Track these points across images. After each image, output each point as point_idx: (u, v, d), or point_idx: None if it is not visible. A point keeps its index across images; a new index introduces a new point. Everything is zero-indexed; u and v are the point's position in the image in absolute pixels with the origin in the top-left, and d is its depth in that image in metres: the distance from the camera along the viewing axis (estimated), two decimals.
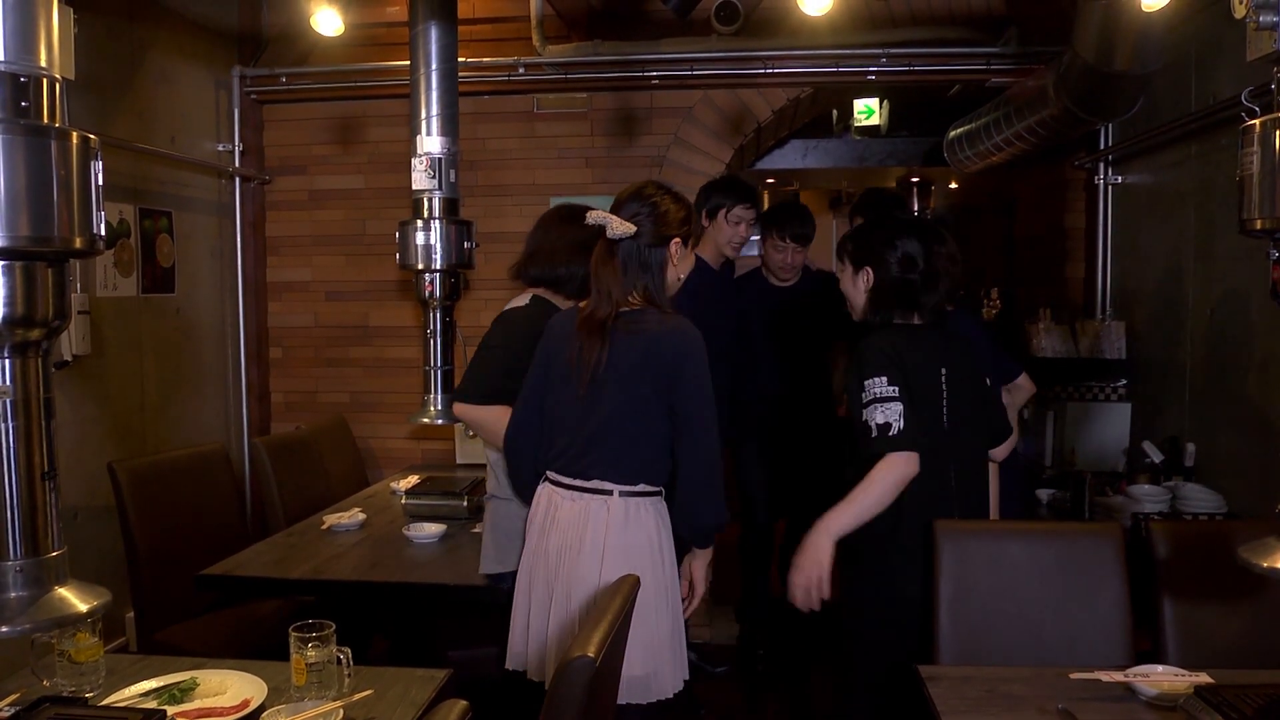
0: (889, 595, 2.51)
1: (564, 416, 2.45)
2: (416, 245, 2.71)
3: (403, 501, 3.56)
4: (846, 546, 2.45)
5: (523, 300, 2.82)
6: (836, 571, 2.42)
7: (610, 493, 2.37)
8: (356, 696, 1.88)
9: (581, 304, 2.50)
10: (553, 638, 2.37)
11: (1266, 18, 1.41)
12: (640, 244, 2.41)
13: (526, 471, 2.57)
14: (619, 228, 2.38)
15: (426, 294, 2.75)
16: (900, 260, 2.55)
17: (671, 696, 2.39)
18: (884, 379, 2.40)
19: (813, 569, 2.39)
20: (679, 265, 2.48)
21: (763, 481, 4.20)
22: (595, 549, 2.35)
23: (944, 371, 2.53)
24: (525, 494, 2.59)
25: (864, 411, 2.41)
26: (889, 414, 2.38)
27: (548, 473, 2.48)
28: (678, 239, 2.45)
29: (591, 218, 2.40)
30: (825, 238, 10.89)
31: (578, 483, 2.40)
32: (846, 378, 2.55)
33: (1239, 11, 1.45)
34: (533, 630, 2.43)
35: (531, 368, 2.54)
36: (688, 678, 2.46)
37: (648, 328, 2.37)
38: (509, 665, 2.50)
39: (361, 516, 3.43)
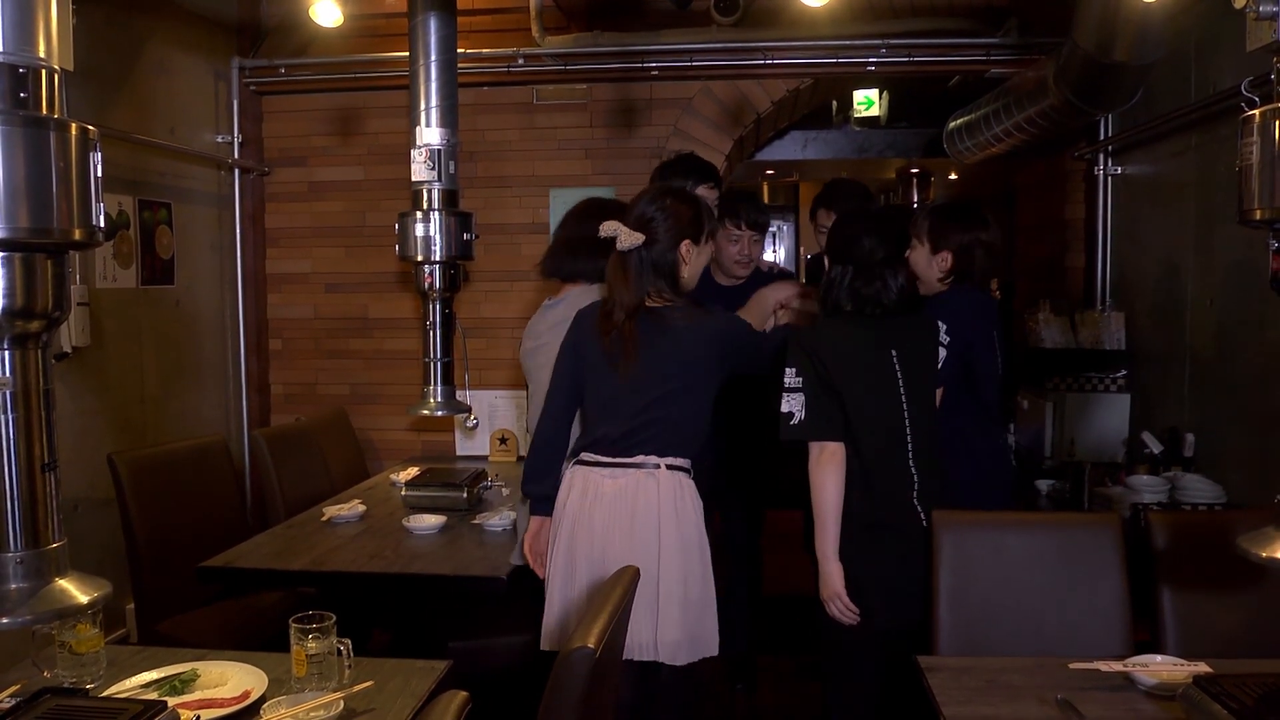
0: (875, 573, 2.52)
1: (603, 404, 2.56)
2: (416, 237, 2.71)
3: (402, 493, 3.56)
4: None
5: (559, 300, 2.92)
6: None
7: (657, 466, 2.47)
8: (357, 688, 1.89)
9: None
10: None
11: (1266, 8, 1.41)
12: (652, 250, 2.51)
13: (552, 462, 2.64)
14: (628, 239, 2.49)
15: (426, 285, 2.75)
16: (852, 248, 2.62)
17: (716, 653, 2.55)
18: (793, 370, 2.53)
19: (832, 599, 2.52)
20: (692, 263, 2.58)
21: (741, 519, 4.10)
22: (649, 520, 2.44)
23: (895, 353, 2.60)
24: (538, 485, 2.64)
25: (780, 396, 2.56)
26: (791, 404, 2.52)
27: (581, 454, 2.56)
28: (688, 240, 2.54)
29: (604, 230, 2.52)
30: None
31: (620, 459, 2.49)
32: None
33: (1238, 2, 1.45)
34: (575, 608, 2.48)
35: (561, 359, 2.65)
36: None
37: (674, 323, 2.51)
38: (545, 646, 2.54)
39: (361, 508, 3.43)
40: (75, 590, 1.22)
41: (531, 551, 2.67)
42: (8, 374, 1.17)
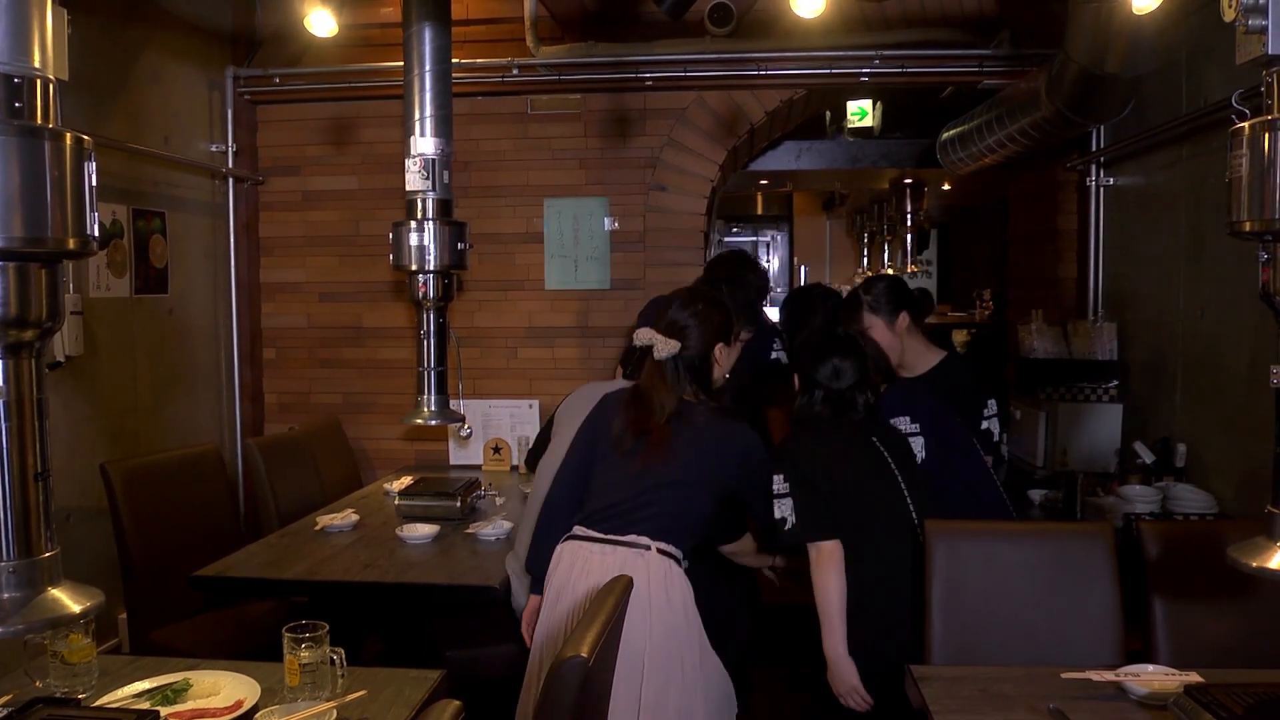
0: (874, 597, 2.53)
1: (606, 480, 2.56)
2: (410, 246, 2.71)
3: (396, 502, 3.55)
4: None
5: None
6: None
7: (648, 547, 2.45)
8: (350, 697, 1.89)
9: (631, 383, 2.72)
10: None
11: (1255, 21, 1.42)
12: (685, 356, 2.59)
13: (555, 540, 2.60)
14: (664, 348, 2.57)
15: (420, 295, 2.75)
16: (830, 373, 2.71)
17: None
18: (779, 477, 2.59)
19: (849, 693, 2.52)
20: (724, 363, 2.69)
21: None
22: (637, 599, 2.33)
23: (876, 439, 2.68)
24: (541, 566, 2.61)
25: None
26: (783, 509, 2.56)
27: (575, 529, 2.53)
28: (720, 344, 2.64)
29: (638, 339, 2.63)
30: (818, 239, 10.92)
31: (612, 537, 2.47)
32: None
33: (1228, 15, 1.46)
34: None
35: (580, 438, 2.67)
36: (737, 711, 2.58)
37: (701, 421, 2.57)
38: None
39: (355, 517, 3.42)
40: (68, 599, 1.22)
41: (528, 627, 2.65)
42: (1, 383, 1.17)
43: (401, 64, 2.76)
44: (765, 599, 4.38)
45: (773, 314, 5.19)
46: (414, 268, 2.72)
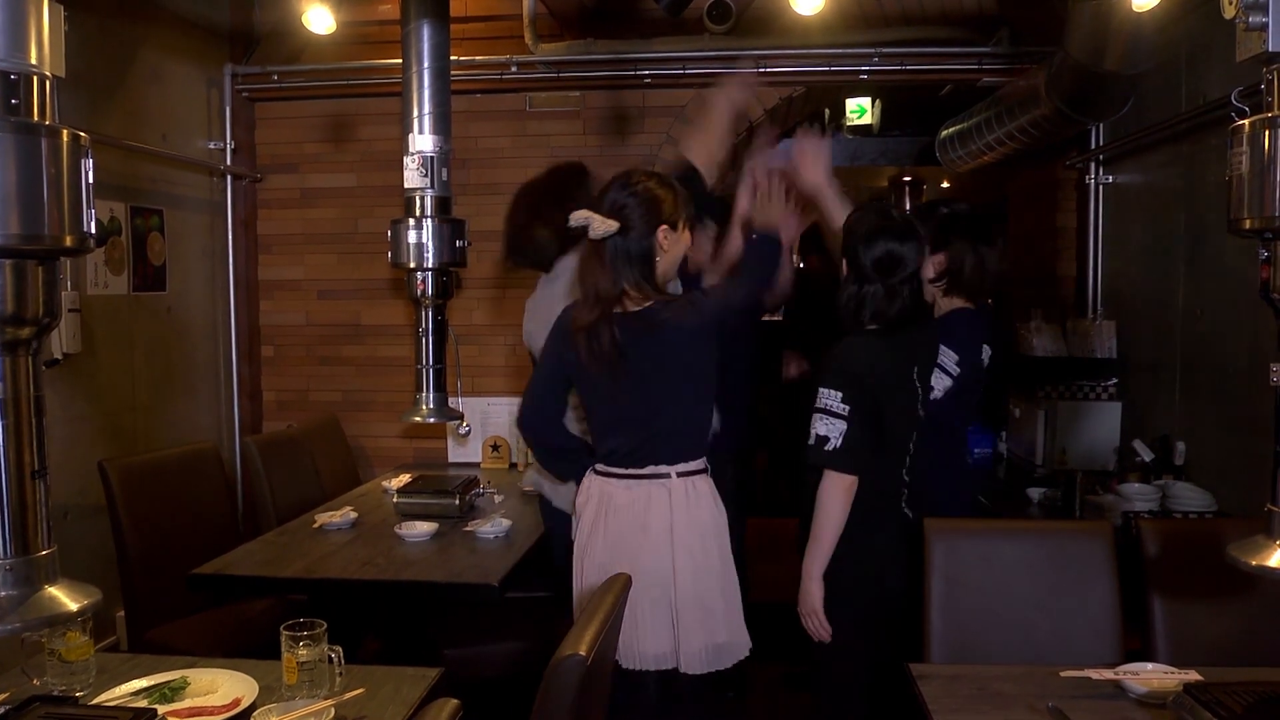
0: (870, 590, 2.52)
1: (609, 419, 2.52)
2: (408, 243, 2.70)
3: (394, 500, 3.55)
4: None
5: (555, 276, 2.95)
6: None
7: (668, 475, 2.43)
8: (348, 695, 1.88)
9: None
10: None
11: (1256, 18, 1.41)
12: (627, 238, 2.40)
13: (547, 442, 2.66)
14: (601, 226, 2.37)
15: (418, 292, 2.74)
16: (877, 262, 2.47)
17: (747, 656, 2.57)
18: (839, 395, 2.40)
19: (810, 615, 2.51)
20: (670, 251, 2.45)
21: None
22: (662, 531, 2.41)
23: (915, 370, 2.57)
24: (553, 464, 2.69)
25: (813, 414, 2.44)
26: (830, 429, 2.40)
27: (596, 465, 2.54)
28: (665, 226, 2.42)
29: (574, 220, 2.40)
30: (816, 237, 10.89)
31: (632, 471, 2.46)
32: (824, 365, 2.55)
33: (1228, 12, 1.45)
34: None
35: (544, 357, 2.62)
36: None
37: (662, 326, 2.40)
38: None
39: (353, 515, 3.42)
40: (65, 597, 1.22)
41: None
42: None
43: (400, 61, 2.75)
44: (760, 597, 4.38)
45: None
46: (412, 265, 2.72)
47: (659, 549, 2.41)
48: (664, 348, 2.41)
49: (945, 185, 8.52)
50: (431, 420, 2.89)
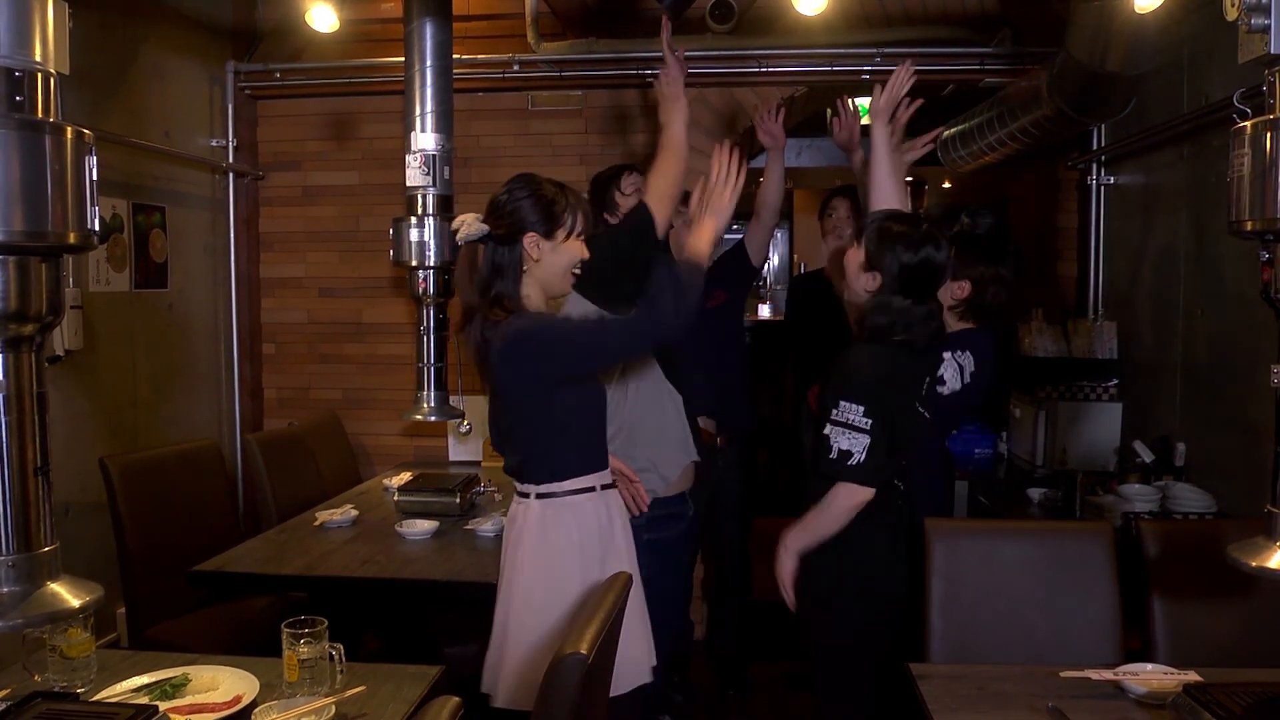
0: (871, 589, 2.52)
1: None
2: (410, 242, 2.72)
3: (395, 498, 3.55)
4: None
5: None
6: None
7: (528, 495, 2.32)
8: (349, 693, 1.88)
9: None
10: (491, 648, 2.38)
11: (1258, 20, 1.42)
12: (496, 245, 2.28)
13: None
14: (464, 230, 2.28)
15: (420, 291, 2.76)
16: (916, 277, 2.37)
17: (651, 679, 2.39)
18: (860, 409, 2.30)
19: (779, 585, 2.47)
20: (543, 261, 2.28)
21: (730, 523, 4.14)
22: (513, 554, 2.32)
23: (927, 381, 2.53)
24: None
25: (829, 426, 2.34)
26: (853, 444, 2.30)
27: None
28: (532, 234, 2.26)
29: (454, 224, 2.32)
30: (818, 236, 10.89)
31: (516, 485, 2.38)
32: (829, 378, 2.45)
33: (1230, 14, 1.46)
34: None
35: None
36: (655, 664, 2.42)
37: (493, 338, 2.24)
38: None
39: (354, 513, 3.42)
40: (67, 594, 1.22)
41: None
42: (1, 377, 1.17)
43: (402, 59, 2.76)
44: (761, 596, 4.39)
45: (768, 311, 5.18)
46: (414, 263, 2.73)
47: (508, 572, 2.34)
48: (493, 367, 2.26)
49: (947, 185, 8.52)
50: (432, 418, 2.91)
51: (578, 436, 2.33)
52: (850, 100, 3.37)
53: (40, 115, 1.16)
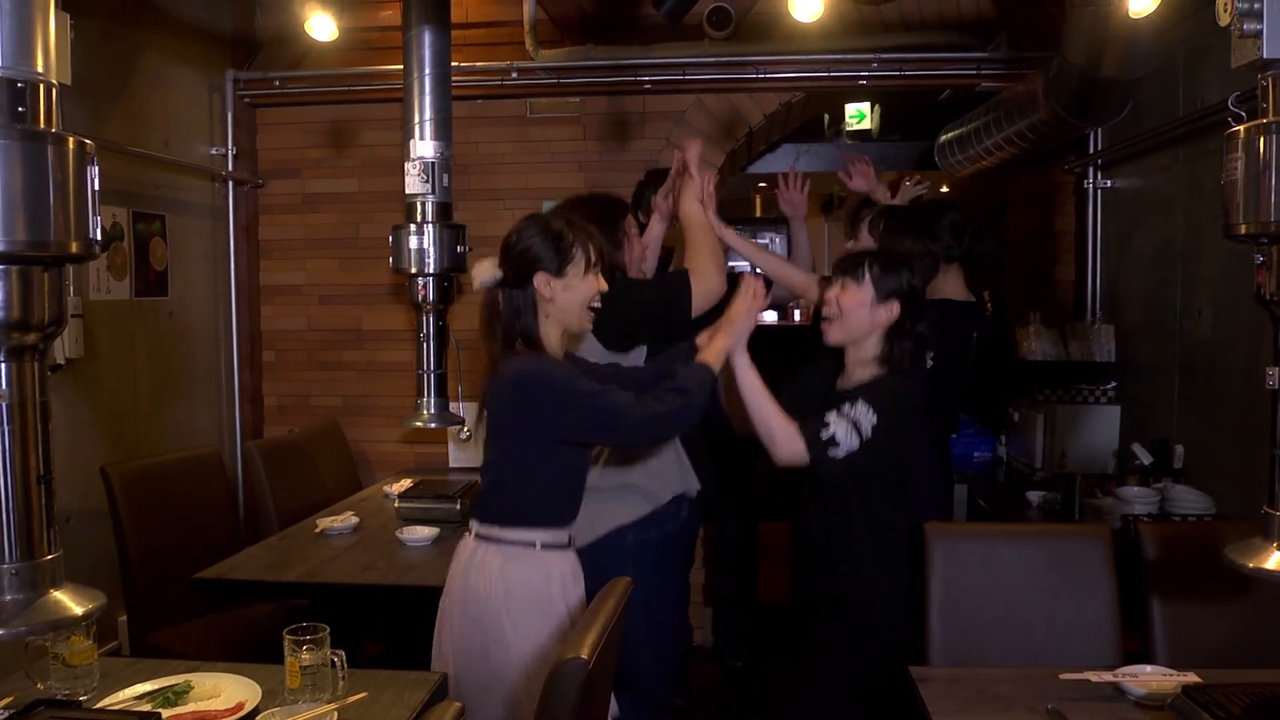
0: (876, 592, 2.52)
1: None
2: (409, 249, 2.72)
3: (395, 505, 3.56)
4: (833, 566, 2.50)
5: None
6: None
7: (470, 530, 2.26)
8: (351, 699, 1.89)
9: None
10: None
11: (1250, 25, 1.43)
12: (510, 289, 2.26)
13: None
14: (480, 277, 2.26)
15: (419, 298, 2.76)
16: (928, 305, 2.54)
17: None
18: (874, 421, 2.32)
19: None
20: (557, 299, 2.24)
21: (733, 529, 4.17)
22: (448, 585, 2.27)
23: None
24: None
25: (837, 413, 2.36)
26: (846, 439, 2.31)
27: None
28: (543, 274, 2.22)
29: (472, 271, 2.30)
30: (816, 241, 10.90)
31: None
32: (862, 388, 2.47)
33: (1224, 19, 1.47)
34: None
35: None
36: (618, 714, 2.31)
37: (503, 369, 2.22)
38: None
39: (354, 520, 3.43)
40: (70, 602, 1.22)
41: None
42: (4, 386, 1.17)
43: (401, 67, 2.77)
44: (764, 600, 4.40)
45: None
46: (413, 271, 2.73)
47: (443, 603, 2.27)
48: (489, 396, 2.24)
49: (945, 190, 8.53)
50: (432, 425, 2.91)
51: (541, 491, 2.23)
52: (794, 172, 3.45)
53: (42, 126, 1.16)
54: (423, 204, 2.74)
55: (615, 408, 2.17)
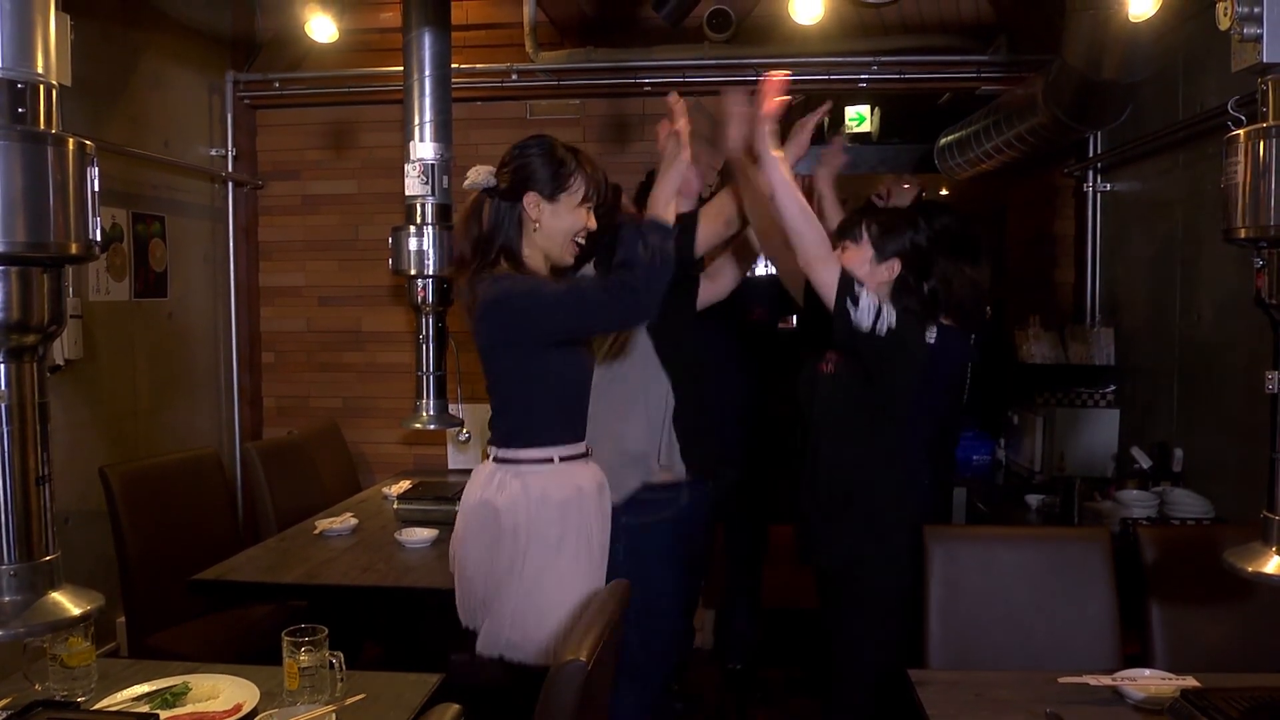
0: (886, 595, 2.53)
1: None
2: (409, 251, 2.72)
3: (394, 506, 3.56)
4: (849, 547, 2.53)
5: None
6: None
7: (488, 455, 2.31)
8: (349, 701, 1.89)
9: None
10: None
11: (1250, 30, 1.43)
12: (498, 199, 2.23)
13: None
14: (473, 178, 2.22)
15: (419, 299, 2.76)
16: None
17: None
18: (894, 323, 2.41)
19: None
20: (544, 223, 2.23)
21: (744, 532, 4.16)
22: (465, 500, 2.33)
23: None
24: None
25: (856, 304, 2.41)
26: (867, 310, 2.39)
27: None
28: (533, 194, 2.21)
29: (468, 173, 2.27)
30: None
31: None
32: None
33: (1223, 23, 1.47)
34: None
35: None
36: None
37: (480, 292, 2.20)
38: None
39: (353, 521, 3.42)
40: (68, 603, 1.22)
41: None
42: (3, 387, 1.17)
43: (401, 69, 2.77)
44: (768, 603, 4.39)
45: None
46: (413, 272, 2.74)
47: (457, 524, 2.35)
48: (474, 322, 2.24)
49: (944, 193, 8.53)
50: (432, 426, 2.91)
51: (544, 406, 2.26)
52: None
53: (42, 127, 1.16)
54: (422, 206, 2.74)
55: (583, 289, 2.25)
